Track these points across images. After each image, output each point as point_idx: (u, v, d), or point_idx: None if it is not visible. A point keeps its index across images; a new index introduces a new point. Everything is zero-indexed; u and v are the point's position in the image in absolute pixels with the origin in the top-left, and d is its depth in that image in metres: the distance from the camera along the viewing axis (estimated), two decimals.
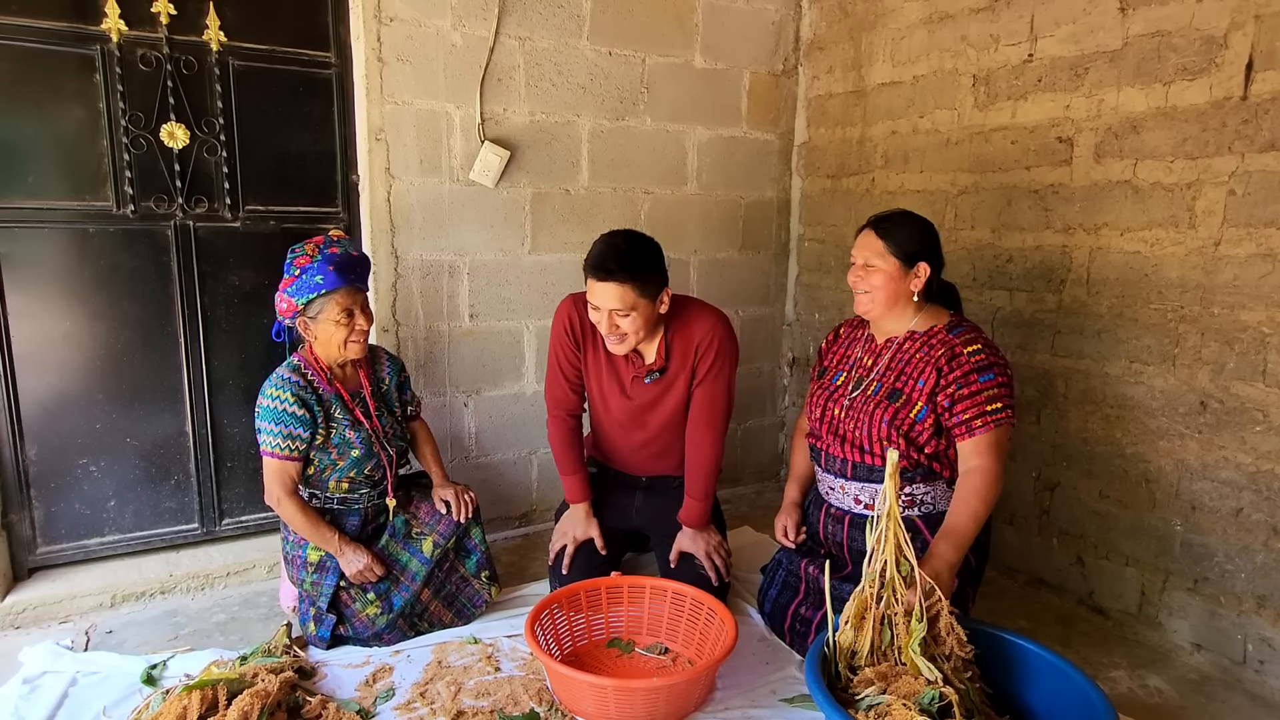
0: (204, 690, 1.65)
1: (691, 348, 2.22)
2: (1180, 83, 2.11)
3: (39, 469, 2.37)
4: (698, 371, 2.23)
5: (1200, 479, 2.16)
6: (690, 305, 2.28)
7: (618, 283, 2.01)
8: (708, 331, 2.20)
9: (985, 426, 1.85)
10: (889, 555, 1.58)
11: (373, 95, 2.53)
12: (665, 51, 3.01)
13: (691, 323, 2.23)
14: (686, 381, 2.25)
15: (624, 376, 2.28)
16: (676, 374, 2.25)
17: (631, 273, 2.02)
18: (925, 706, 1.40)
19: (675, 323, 2.23)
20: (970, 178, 2.68)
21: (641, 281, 2.04)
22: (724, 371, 2.24)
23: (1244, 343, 2.04)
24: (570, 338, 2.28)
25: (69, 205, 2.30)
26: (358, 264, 2.10)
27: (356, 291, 2.08)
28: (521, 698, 1.88)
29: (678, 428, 2.32)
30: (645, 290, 2.05)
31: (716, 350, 2.21)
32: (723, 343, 2.21)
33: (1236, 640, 2.11)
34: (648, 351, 2.24)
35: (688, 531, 2.31)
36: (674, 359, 2.23)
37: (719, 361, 2.22)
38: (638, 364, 2.24)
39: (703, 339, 2.20)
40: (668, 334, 2.22)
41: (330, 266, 2.01)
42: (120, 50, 2.28)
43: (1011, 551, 2.63)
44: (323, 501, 2.14)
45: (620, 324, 2.08)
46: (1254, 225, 2.00)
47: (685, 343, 2.22)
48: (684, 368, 2.24)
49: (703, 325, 2.21)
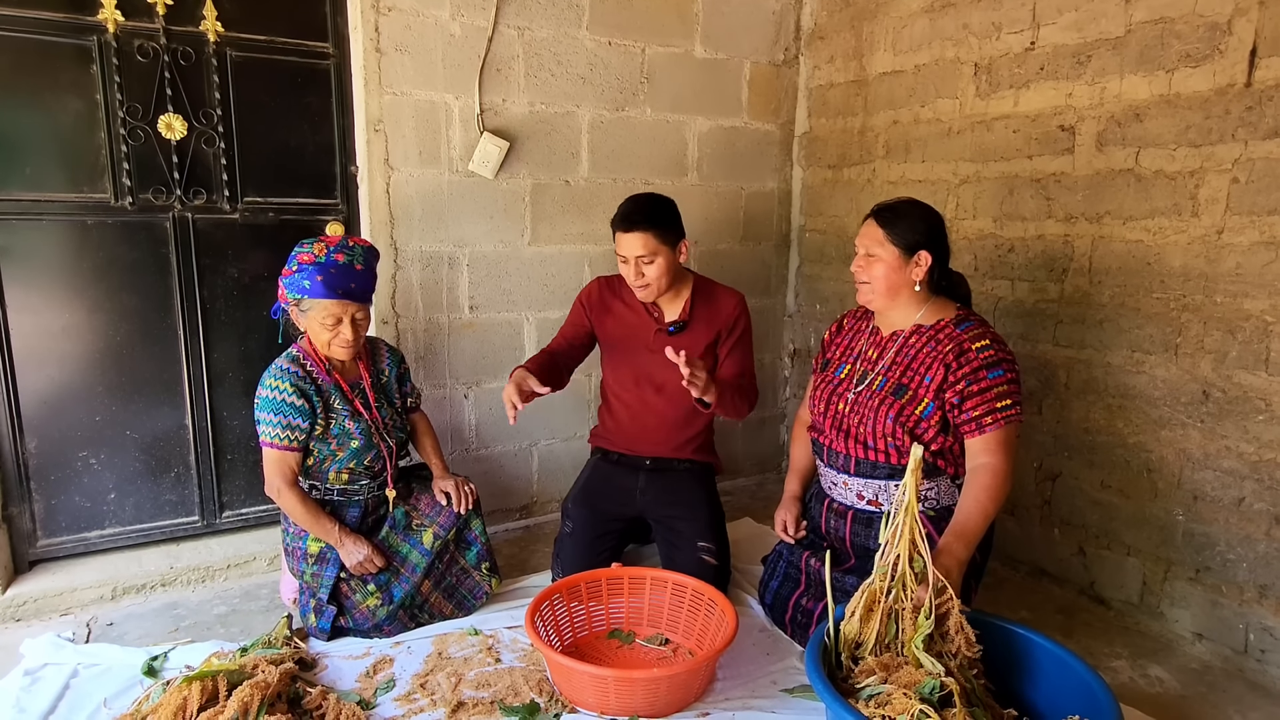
0: (204, 681, 1.65)
1: (715, 315, 2.39)
2: (1183, 70, 2.09)
3: (39, 462, 2.37)
4: (724, 343, 2.40)
5: (1202, 468, 2.15)
6: (715, 283, 2.48)
7: (641, 231, 2.22)
8: (735, 305, 2.41)
9: (996, 424, 1.84)
10: (903, 550, 1.57)
11: (371, 86, 2.52)
12: (665, 41, 2.99)
13: (717, 295, 2.42)
14: (705, 342, 2.38)
15: (646, 330, 2.41)
16: (698, 333, 2.38)
17: (652, 222, 2.23)
18: (926, 696, 1.39)
19: (700, 290, 2.42)
20: (972, 167, 2.67)
21: (661, 229, 2.24)
22: (747, 346, 2.43)
23: (1246, 331, 2.03)
24: (585, 306, 2.48)
25: (67, 198, 2.30)
26: (355, 279, 2.03)
27: (346, 304, 2.03)
28: (522, 689, 1.88)
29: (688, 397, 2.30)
30: (665, 238, 2.25)
31: (743, 327, 2.41)
32: (748, 322, 2.43)
33: (1238, 630, 2.11)
34: (671, 309, 2.40)
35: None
36: (697, 318, 2.39)
37: (744, 337, 2.42)
38: (661, 318, 2.40)
39: (730, 314, 2.39)
40: (693, 295, 2.40)
41: (320, 277, 1.97)
42: (117, 41, 2.27)
43: (1013, 542, 2.63)
44: (323, 493, 2.13)
45: (645, 271, 2.26)
46: (1257, 213, 1.98)
47: (709, 308, 2.40)
48: (706, 329, 2.38)
49: (730, 299, 2.42)
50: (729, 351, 2.40)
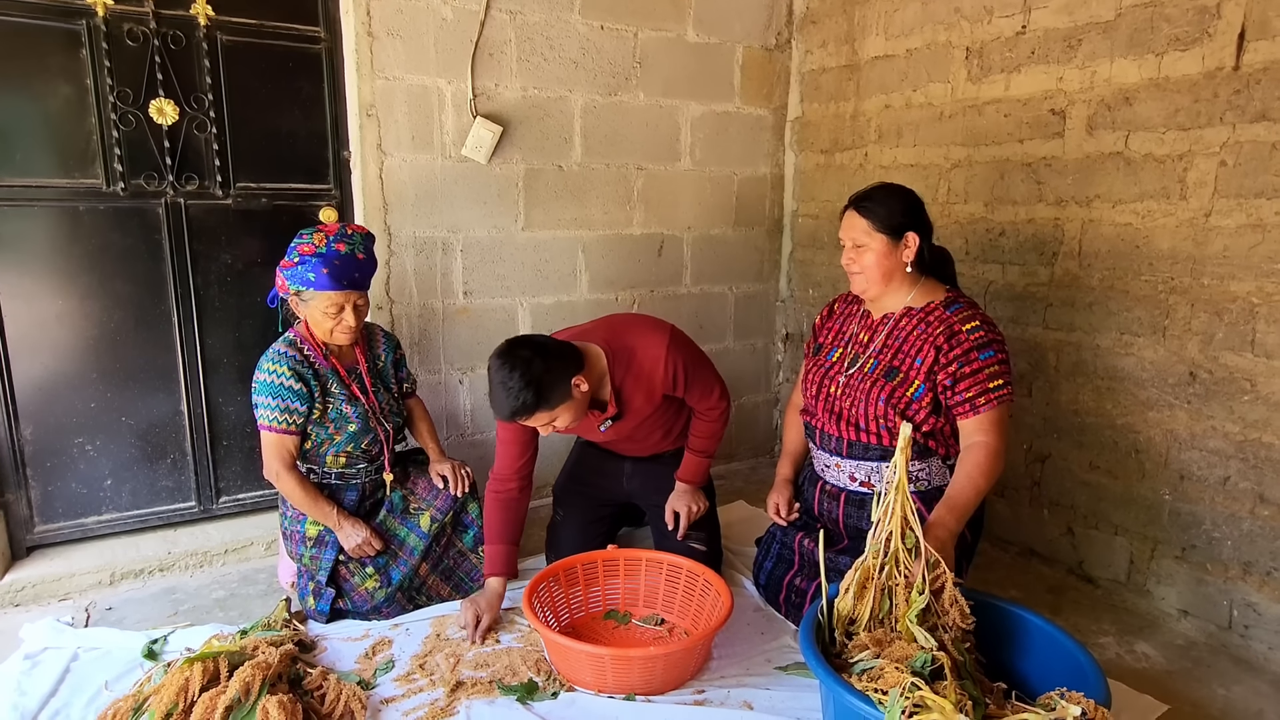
0: (205, 662, 1.66)
1: (649, 385, 2.08)
2: (1173, 53, 2.11)
3: (34, 448, 2.37)
4: (674, 392, 2.12)
5: (1189, 448, 2.18)
6: (630, 339, 2.07)
7: (526, 415, 1.87)
8: (662, 364, 2.04)
9: (989, 404, 1.87)
10: (895, 527, 1.60)
11: (363, 70, 2.51)
12: (657, 25, 2.99)
13: (638, 359, 2.06)
14: (652, 406, 2.13)
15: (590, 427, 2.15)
16: (639, 409, 2.12)
17: (539, 399, 1.85)
18: (918, 670, 1.42)
19: (619, 366, 2.05)
20: (963, 151, 2.68)
21: (550, 401, 1.87)
22: (698, 373, 2.13)
23: (1233, 313, 2.06)
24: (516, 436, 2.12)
25: (58, 183, 2.29)
26: (357, 268, 2.05)
27: (350, 292, 2.04)
28: (520, 668, 1.90)
29: (655, 432, 2.31)
30: (557, 400, 1.89)
31: (682, 371, 2.08)
32: (684, 361, 2.08)
33: (1222, 606, 2.14)
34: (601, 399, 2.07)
35: (680, 488, 2.33)
36: (629, 401, 2.09)
37: (689, 374, 2.10)
38: (597, 415, 2.10)
39: (662, 374, 2.05)
40: (615, 382, 2.05)
41: (325, 269, 1.98)
42: (106, 25, 2.25)
43: (1003, 523, 2.66)
44: (320, 476, 2.15)
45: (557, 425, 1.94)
46: (1244, 196, 2.01)
47: (638, 383, 2.07)
48: (647, 399, 2.10)
49: (652, 359, 2.05)
50: (683, 392, 2.13)
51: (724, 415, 2.26)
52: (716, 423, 2.26)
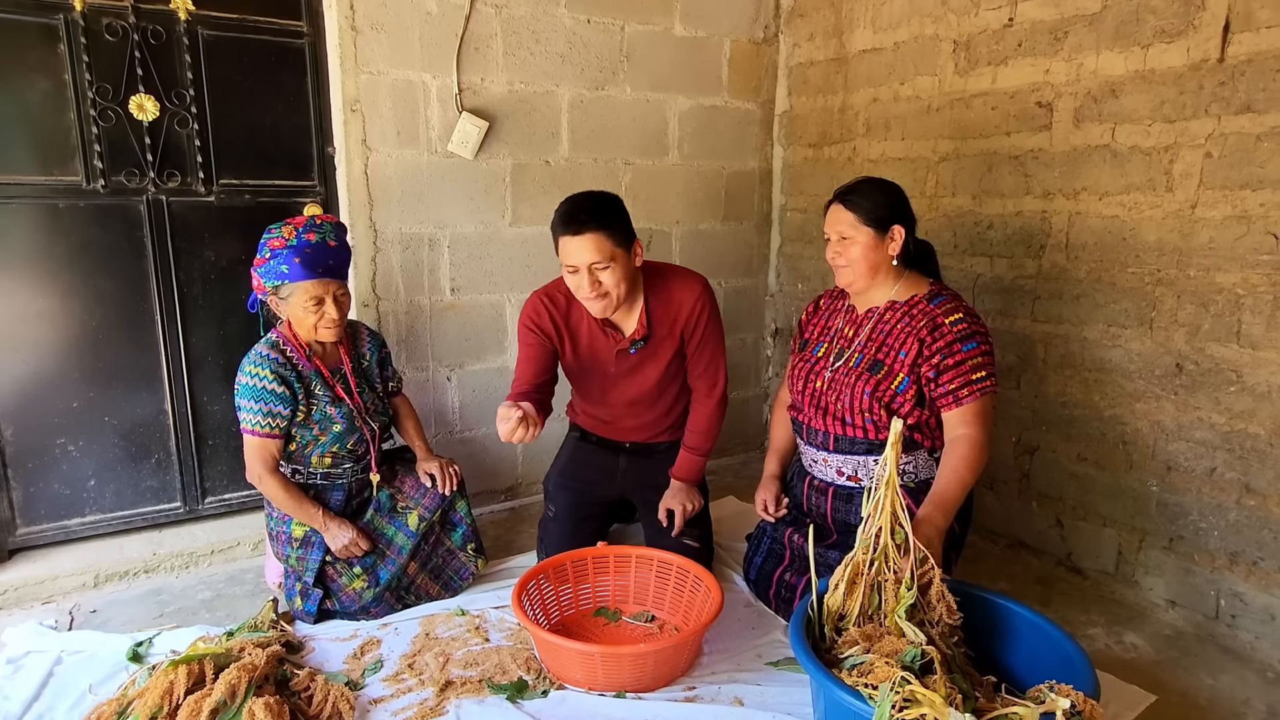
0: (190, 665, 1.64)
1: (675, 317, 2.19)
2: (1158, 45, 2.11)
3: (15, 449, 2.34)
4: (689, 342, 2.22)
5: (1175, 439, 2.19)
6: (668, 273, 2.24)
7: (592, 232, 1.96)
8: (694, 301, 2.18)
9: (972, 396, 1.87)
10: (884, 523, 1.60)
11: (347, 65, 2.48)
12: (644, 19, 2.97)
13: (673, 291, 2.19)
14: (672, 350, 2.23)
15: (606, 355, 2.21)
16: (661, 342, 2.21)
17: (602, 220, 1.98)
18: (907, 664, 1.42)
19: (654, 291, 2.18)
20: (951, 144, 2.68)
21: (613, 229, 1.99)
22: (715, 338, 2.23)
23: (1219, 304, 2.06)
24: (544, 333, 2.18)
25: (37, 180, 2.25)
26: (331, 255, 2.02)
27: (327, 282, 2.02)
28: (510, 667, 1.89)
29: (662, 397, 2.32)
30: (619, 238, 2.00)
31: (706, 320, 2.19)
32: (711, 311, 2.21)
33: (1209, 596, 2.16)
34: (627, 323, 2.19)
35: (675, 486, 2.33)
36: (657, 327, 2.19)
37: (710, 329, 2.21)
38: (618, 338, 2.19)
39: (690, 310, 2.18)
40: (647, 303, 2.17)
41: (297, 259, 1.95)
42: (85, 19, 2.22)
43: (992, 515, 2.67)
44: (306, 477, 2.13)
45: (602, 279, 2.01)
46: (1229, 187, 2.01)
47: (667, 311, 2.18)
48: (670, 335, 2.20)
49: (686, 294, 2.18)
50: (696, 349, 2.20)
51: (721, 405, 2.28)
52: (713, 413, 2.27)
